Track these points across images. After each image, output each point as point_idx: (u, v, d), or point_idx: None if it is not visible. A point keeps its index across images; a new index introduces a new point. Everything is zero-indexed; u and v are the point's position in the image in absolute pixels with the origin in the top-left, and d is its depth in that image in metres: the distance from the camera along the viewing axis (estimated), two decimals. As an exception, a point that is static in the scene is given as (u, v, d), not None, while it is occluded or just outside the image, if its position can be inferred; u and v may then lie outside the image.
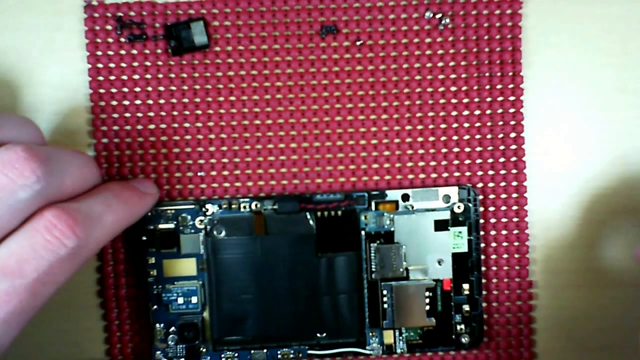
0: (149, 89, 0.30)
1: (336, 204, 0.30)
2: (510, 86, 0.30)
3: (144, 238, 0.29)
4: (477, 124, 0.30)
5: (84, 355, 0.30)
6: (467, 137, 0.30)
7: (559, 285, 0.31)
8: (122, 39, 0.29)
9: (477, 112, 0.30)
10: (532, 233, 0.30)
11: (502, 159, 0.30)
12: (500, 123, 0.30)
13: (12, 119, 0.25)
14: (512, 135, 0.30)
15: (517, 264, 0.30)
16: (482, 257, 0.30)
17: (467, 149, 0.30)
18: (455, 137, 0.30)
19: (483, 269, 0.30)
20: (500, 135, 0.30)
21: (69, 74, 0.30)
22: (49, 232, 0.23)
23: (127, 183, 0.28)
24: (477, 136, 0.30)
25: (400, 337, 0.30)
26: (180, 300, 0.29)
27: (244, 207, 0.29)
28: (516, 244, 0.30)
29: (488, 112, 0.30)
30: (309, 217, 0.30)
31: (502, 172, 0.30)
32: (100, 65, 0.29)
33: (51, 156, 0.24)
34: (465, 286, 0.30)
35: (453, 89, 0.30)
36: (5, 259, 0.22)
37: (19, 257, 0.22)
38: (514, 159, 0.30)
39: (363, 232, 0.30)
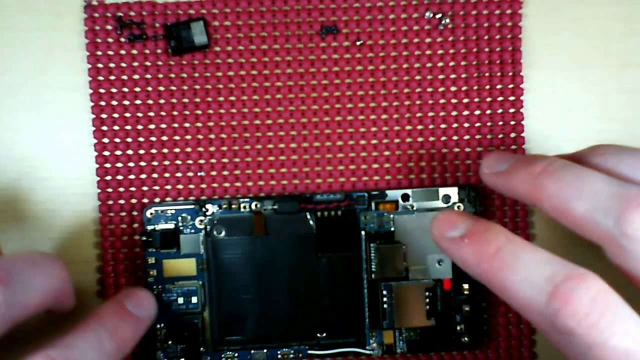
0: (149, 89, 0.30)
1: (336, 204, 0.30)
2: (510, 86, 0.30)
3: (144, 238, 0.29)
4: (477, 124, 0.30)
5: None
6: (467, 137, 0.30)
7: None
8: (122, 39, 0.29)
9: (477, 112, 0.30)
10: (532, 233, 0.30)
11: (502, 159, 0.30)
12: (500, 123, 0.30)
13: None
14: (512, 135, 0.30)
15: (517, 264, 0.30)
16: (482, 257, 0.30)
17: (467, 149, 0.30)
18: (455, 137, 0.30)
19: (483, 269, 0.30)
20: (500, 136, 0.30)
21: (69, 74, 0.30)
22: None
23: (123, 311, 0.26)
24: (477, 136, 0.30)
25: (400, 337, 0.30)
26: (180, 300, 0.29)
27: (244, 207, 0.29)
28: (516, 244, 0.30)
29: (488, 112, 0.30)
30: (308, 217, 0.30)
31: (502, 172, 0.30)
32: (100, 65, 0.29)
33: (13, 271, 0.22)
34: (465, 286, 0.30)
35: (453, 89, 0.30)
36: None
37: None
38: (514, 159, 0.30)
39: (363, 232, 0.30)
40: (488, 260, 0.23)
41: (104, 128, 0.30)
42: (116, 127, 0.30)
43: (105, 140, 0.30)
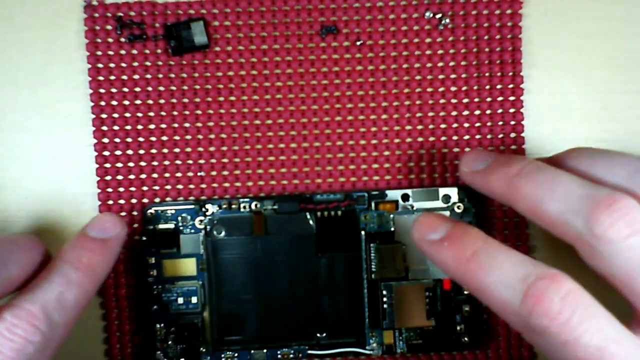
0: (149, 89, 0.30)
1: (336, 204, 0.30)
2: (510, 86, 0.30)
3: (144, 238, 0.29)
4: (477, 124, 0.30)
5: (84, 355, 0.30)
6: (467, 137, 0.30)
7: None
8: (122, 39, 0.29)
9: (477, 112, 0.30)
10: (532, 233, 0.30)
11: (502, 159, 0.30)
12: (500, 123, 0.30)
13: None
14: (512, 135, 0.30)
15: (517, 264, 0.30)
16: (482, 257, 0.30)
17: (467, 149, 0.30)
18: (455, 137, 0.30)
19: (483, 269, 0.30)
20: (500, 136, 0.30)
21: (69, 74, 0.30)
22: (12, 333, 0.22)
23: (83, 240, 0.26)
24: (477, 136, 0.30)
25: (400, 337, 0.30)
26: (180, 300, 0.29)
27: (244, 207, 0.29)
28: (517, 243, 0.30)
29: (488, 112, 0.30)
30: (308, 217, 0.30)
31: (502, 172, 0.30)
32: (100, 65, 0.29)
33: None
34: (465, 286, 0.30)
35: (453, 89, 0.30)
36: None
37: None
38: (514, 159, 0.30)
39: (363, 232, 0.30)
40: (465, 263, 0.23)
41: (104, 128, 0.30)
42: (116, 127, 0.30)
43: (105, 140, 0.30)
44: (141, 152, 0.30)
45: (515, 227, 0.30)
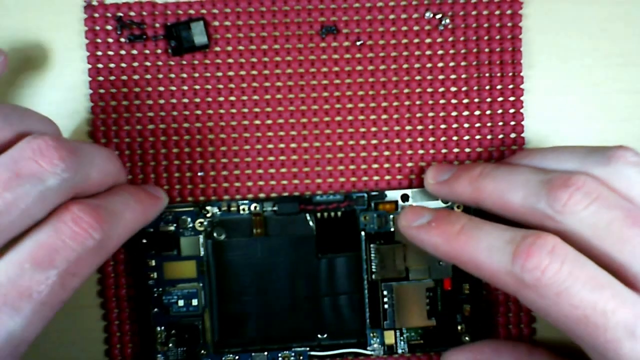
0: (149, 89, 0.29)
1: (336, 204, 0.30)
2: (510, 86, 0.30)
3: (144, 240, 0.29)
4: (477, 124, 0.30)
5: (84, 355, 0.30)
6: (467, 137, 0.30)
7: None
8: (122, 39, 0.29)
9: (477, 112, 0.30)
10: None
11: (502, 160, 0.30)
12: (500, 123, 0.30)
13: (36, 114, 0.25)
14: (512, 135, 0.30)
15: (518, 264, 0.30)
16: (483, 257, 0.30)
17: (467, 149, 0.30)
18: (455, 137, 0.30)
19: (484, 269, 0.30)
20: (500, 136, 0.30)
21: (69, 74, 0.30)
22: (77, 224, 0.23)
23: (139, 186, 0.28)
24: (477, 136, 0.30)
25: (401, 338, 0.30)
26: (181, 302, 0.29)
27: (244, 209, 0.29)
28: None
29: (488, 112, 0.30)
30: (308, 218, 0.29)
31: (503, 172, 0.30)
32: (100, 65, 0.29)
33: (78, 147, 0.24)
34: (466, 286, 0.30)
35: (453, 89, 0.30)
36: (35, 250, 0.22)
37: (49, 247, 0.22)
38: (514, 159, 0.30)
39: (363, 233, 0.30)
40: (455, 238, 0.25)
41: (104, 128, 0.29)
42: (116, 127, 0.29)
43: (105, 140, 0.29)
44: (141, 152, 0.30)
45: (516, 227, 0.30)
